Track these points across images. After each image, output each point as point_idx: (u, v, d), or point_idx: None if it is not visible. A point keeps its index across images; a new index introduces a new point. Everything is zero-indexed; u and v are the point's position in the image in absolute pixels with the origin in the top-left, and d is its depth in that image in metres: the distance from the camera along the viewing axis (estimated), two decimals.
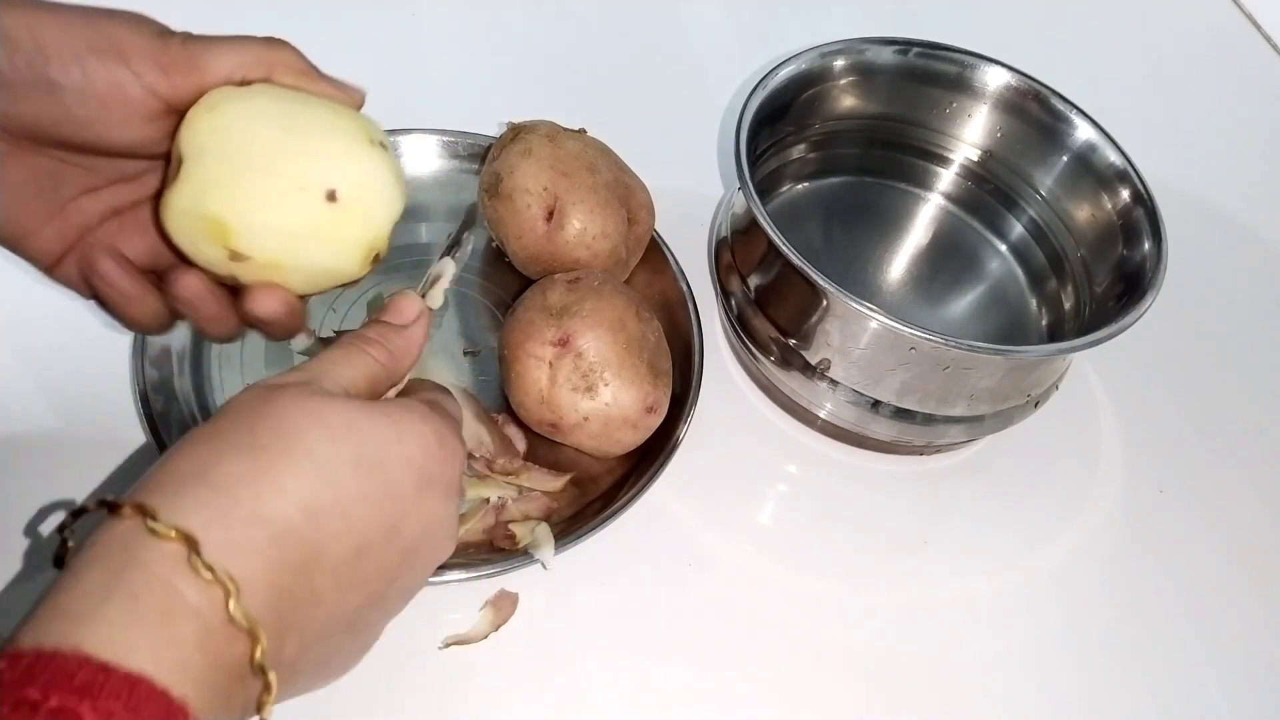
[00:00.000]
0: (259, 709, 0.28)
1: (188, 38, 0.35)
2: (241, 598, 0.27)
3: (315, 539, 0.29)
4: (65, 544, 0.29)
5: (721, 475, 0.56)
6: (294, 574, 0.29)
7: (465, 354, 0.58)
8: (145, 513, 0.27)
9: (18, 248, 0.38)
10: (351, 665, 0.35)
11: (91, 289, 0.38)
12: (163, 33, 0.35)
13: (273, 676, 0.28)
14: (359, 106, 0.39)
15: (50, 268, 0.39)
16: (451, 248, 0.38)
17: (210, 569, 0.26)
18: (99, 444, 0.51)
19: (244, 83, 0.36)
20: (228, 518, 0.28)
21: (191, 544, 0.27)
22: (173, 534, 0.26)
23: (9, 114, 0.34)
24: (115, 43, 0.34)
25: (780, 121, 0.61)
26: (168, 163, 0.36)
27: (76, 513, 0.29)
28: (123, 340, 0.54)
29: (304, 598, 0.29)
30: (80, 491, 0.49)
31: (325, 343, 0.56)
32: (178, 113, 0.35)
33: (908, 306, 0.62)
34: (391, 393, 0.37)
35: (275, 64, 0.36)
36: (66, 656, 0.24)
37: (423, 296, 0.40)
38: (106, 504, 0.28)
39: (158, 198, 0.37)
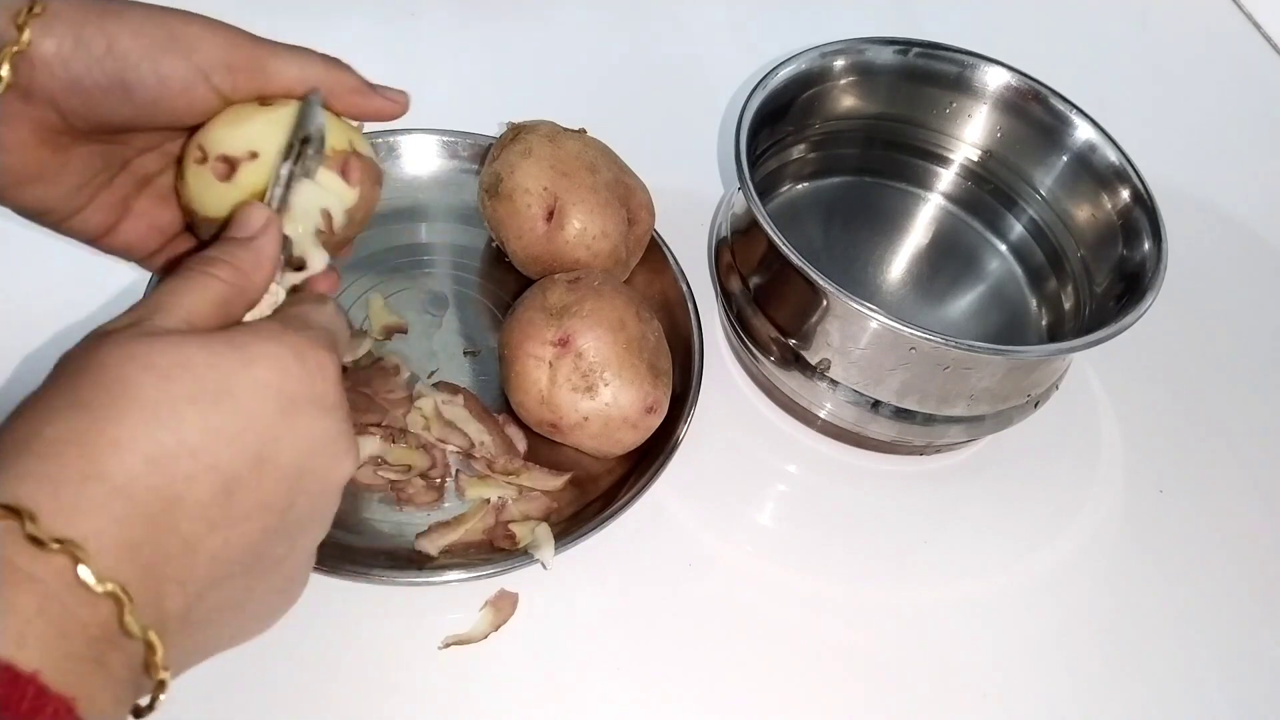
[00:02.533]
0: (148, 669, 0.27)
1: (256, 41, 0.37)
2: (91, 560, 0.26)
3: (166, 484, 0.28)
4: None
5: (721, 475, 0.56)
6: (149, 524, 0.27)
7: (465, 354, 0.58)
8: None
9: (64, 227, 0.40)
10: (281, 604, 0.33)
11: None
12: (232, 33, 0.37)
13: (153, 635, 0.27)
14: (399, 115, 0.41)
15: (98, 239, 0.41)
16: (290, 149, 0.37)
17: (44, 538, 0.25)
18: None
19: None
20: (58, 482, 0.26)
21: (20, 516, 0.25)
22: (0, 510, 0.25)
23: (84, 115, 0.36)
24: (186, 43, 0.36)
25: (780, 121, 0.61)
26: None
27: None
28: None
29: (173, 546, 0.28)
30: None
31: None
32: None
33: (908, 306, 0.62)
34: (253, 314, 0.34)
35: (334, 82, 0.39)
36: None
37: (272, 207, 0.36)
38: None
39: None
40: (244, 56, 0.37)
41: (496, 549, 0.50)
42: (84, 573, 0.25)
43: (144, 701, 0.28)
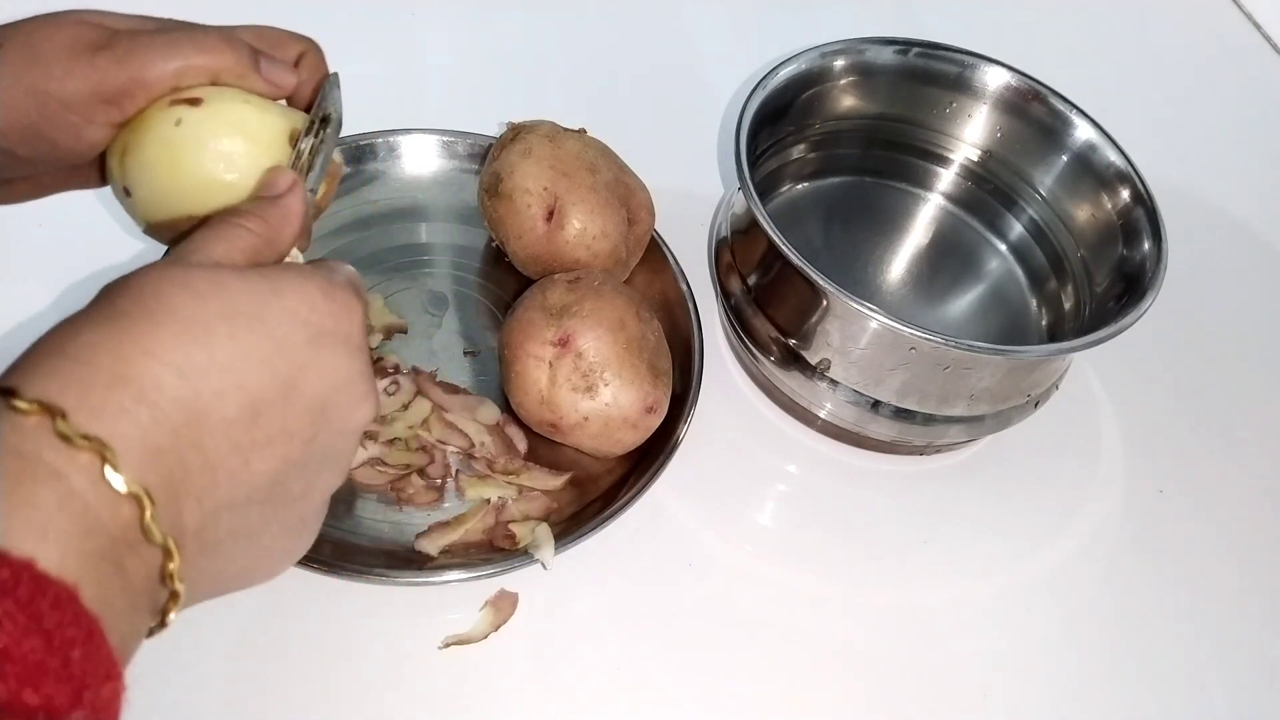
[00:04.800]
0: (164, 577, 0.27)
1: (126, 50, 0.36)
2: (117, 460, 0.26)
3: (194, 397, 0.28)
4: None
5: (721, 475, 0.56)
6: (174, 435, 0.27)
7: (465, 354, 0.58)
8: (8, 394, 0.26)
9: (91, 186, 0.41)
10: (292, 546, 0.33)
11: None
12: (96, 53, 0.35)
13: (171, 543, 0.27)
14: (286, 93, 0.40)
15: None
16: (312, 125, 0.38)
17: (73, 435, 0.25)
18: None
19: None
20: (88, 384, 0.26)
21: (52, 412, 0.25)
22: (31, 406, 0.25)
23: (10, 178, 0.37)
24: (57, 98, 0.35)
25: (780, 121, 0.61)
26: None
27: None
28: None
29: (195, 461, 0.28)
30: None
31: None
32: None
33: (908, 306, 0.62)
34: None
35: (214, 70, 0.37)
36: None
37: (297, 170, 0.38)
38: None
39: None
40: (117, 81, 0.35)
41: (496, 549, 0.50)
42: (109, 472, 0.25)
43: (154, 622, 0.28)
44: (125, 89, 0.35)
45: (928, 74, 0.63)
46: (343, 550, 0.48)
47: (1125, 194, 0.58)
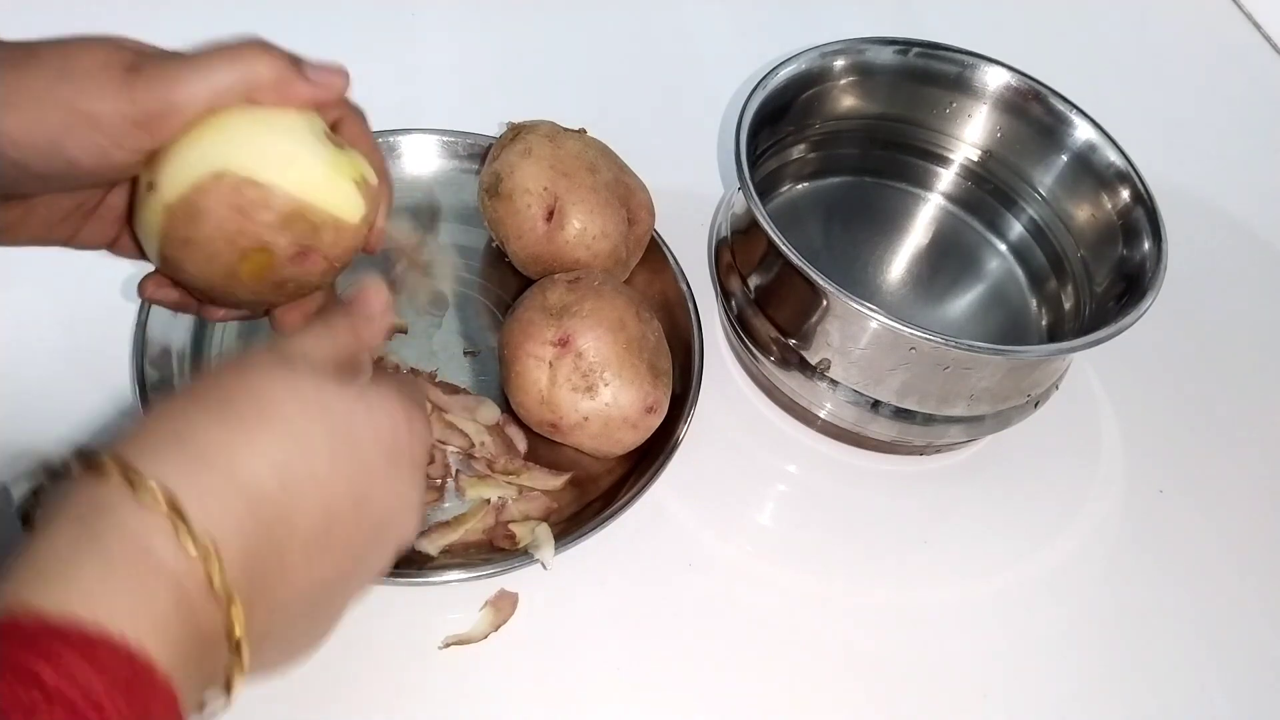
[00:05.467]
0: (228, 682, 0.28)
1: (156, 73, 0.34)
2: (224, 567, 0.27)
3: (288, 508, 0.29)
4: (37, 497, 0.28)
5: (721, 475, 0.56)
6: (266, 542, 0.29)
7: (465, 354, 0.58)
8: (130, 476, 0.27)
9: (69, 246, 0.40)
10: (310, 651, 0.34)
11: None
12: (129, 74, 0.34)
13: (246, 649, 0.28)
14: (339, 95, 0.38)
15: (109, 248, 0.41)
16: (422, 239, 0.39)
17: (195, 538, 0.26)
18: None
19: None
20: (205, 483, 0.28)
21: (178, 512, 0.26)
22: (160, 501, 0.26)
23: (10, 191, 0.36)
24: (86, 115, 0.33)
25: (780, 121, 0.61)
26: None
27: (54, 473, 0.28)
28: (123, 341, 0.54)
29: (274, 567, 0.29)
30: None
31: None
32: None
33: (908, 306, 0.62)
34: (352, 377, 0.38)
35: (252, 84, 0.36)
36: (23, 617, 0.24)
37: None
38: (88, 466, 0.27)
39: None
40: (147, 106, 0.34)
41: (496, 549, 0.50)
42: (217, 579, 0.27)
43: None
44: (157, 112, 0.34)
45: (928, 74, 0.63)
46: None
47: (1125, 194, 0.58)
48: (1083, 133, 0.60)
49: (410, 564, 0.48)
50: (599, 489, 0.53)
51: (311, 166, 0.36)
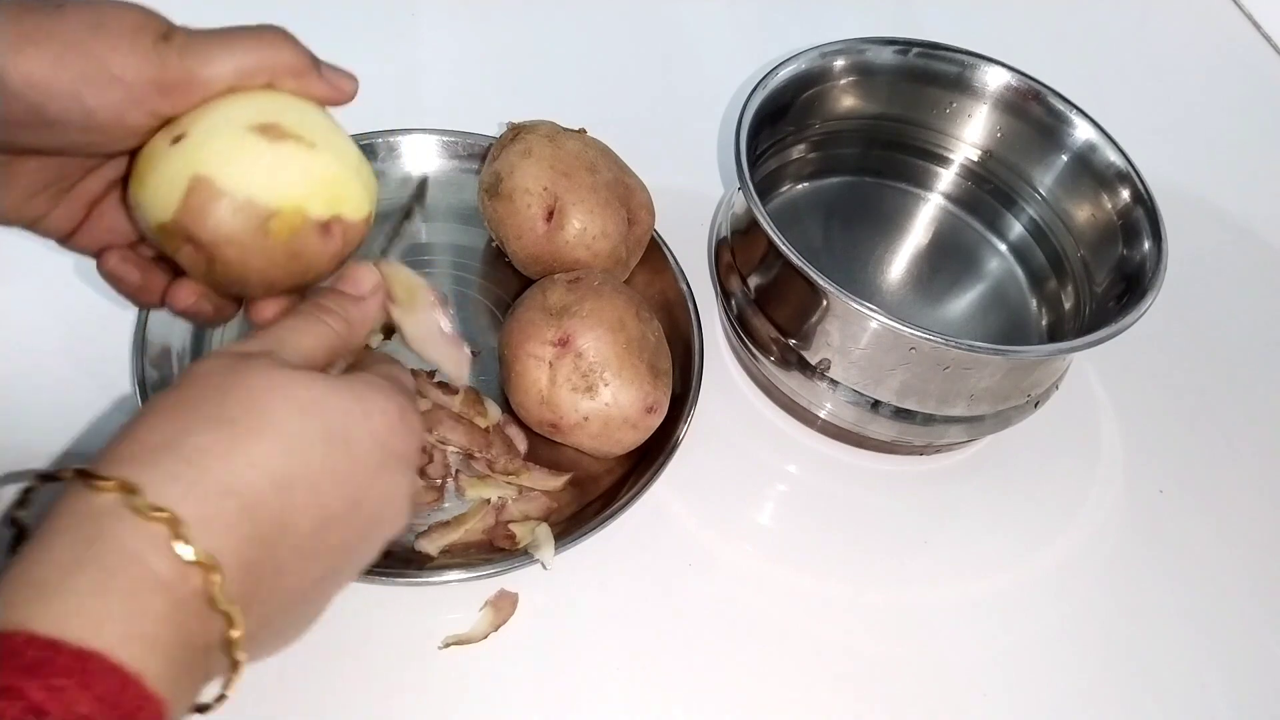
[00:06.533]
0: (225, 686, 0.29)
1: (185, 44, 0.34)
2: (223, 579, 0.27)
3: (283, 512, 0.29)
4: (24, 505, 0.29)
5: (721, 475, 0.56)
6: (261, 547, 0.29)
7: None
8: (126, 488, 0.27)
9: (32, 229, 0.39)
10: (296, 639, 0.34)
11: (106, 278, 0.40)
12: (160, 41, 0.34)
13: (242, 655, 0.28)
14: (347, 100, 0.38)
15: (64, 240, 0.40)
16: (393, 238, 0.39)
17: (193, 550, 0.26)
18: (100, 446, 0.51)
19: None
20: (201, 491, 0.28)
21: (175, 525, 0.27)
22: (156, 513, 0.26)
23: (14, 143, 0.35)
24: (111, 70, 0.33)
25: (780, 121, 0.61)
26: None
27: (45, 477, 0.29)
28: (122, 342, 0.54)
29: (268, 570, 0.29)
30: None
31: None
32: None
33: (908, 306, 0.62)
34: (342, 364, 0.37)
35: (275, 69, 0.36)
36: (12, 635, 0.24)
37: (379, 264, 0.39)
38: (82, 474, 0.27)
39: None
40: (174, 73, 0.34)
41: (496, 549, 0.50)
42: (216, 591, 0.27)
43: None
44: (183, 80, 0.34)
45: (928, 74, 0.63)
46: None
47: (1125, 194, 0.58)
48: (1083, 133, 0.60)
49: (410, 564, 0.48)
50: (599, 489, 0.53)
51: (347, 149, 0.37)
